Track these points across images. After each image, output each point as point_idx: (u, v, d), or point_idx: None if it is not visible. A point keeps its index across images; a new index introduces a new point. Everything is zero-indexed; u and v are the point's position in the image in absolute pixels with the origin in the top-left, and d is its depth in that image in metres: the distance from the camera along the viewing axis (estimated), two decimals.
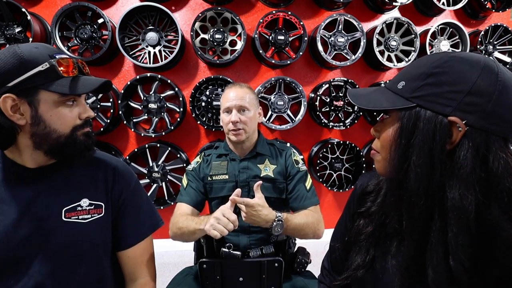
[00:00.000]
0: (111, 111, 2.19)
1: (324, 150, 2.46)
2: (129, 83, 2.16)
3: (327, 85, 2.40)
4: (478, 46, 2.55)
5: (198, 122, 2.31)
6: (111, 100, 2.16)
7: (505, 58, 2.63)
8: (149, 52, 2.27)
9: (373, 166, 0.71)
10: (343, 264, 0.78)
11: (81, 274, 0.82)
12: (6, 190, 0.79)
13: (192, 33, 2.18)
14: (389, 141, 0.60)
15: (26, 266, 0.77)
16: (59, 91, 0.74)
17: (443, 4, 2.49)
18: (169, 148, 2.27)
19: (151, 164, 2.31)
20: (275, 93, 2.41)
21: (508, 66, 2.64)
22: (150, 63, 2.24)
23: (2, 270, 0.76)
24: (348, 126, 2.49)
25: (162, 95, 2.27)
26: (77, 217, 0.82)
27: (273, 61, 2.28)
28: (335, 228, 0.86)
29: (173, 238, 1.23)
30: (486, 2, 2.51)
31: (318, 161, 2.44)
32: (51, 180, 0.83)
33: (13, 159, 0.81)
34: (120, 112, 2.16)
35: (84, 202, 0.84)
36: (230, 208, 1.06)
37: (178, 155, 2.33)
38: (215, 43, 2.26)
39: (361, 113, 2.51)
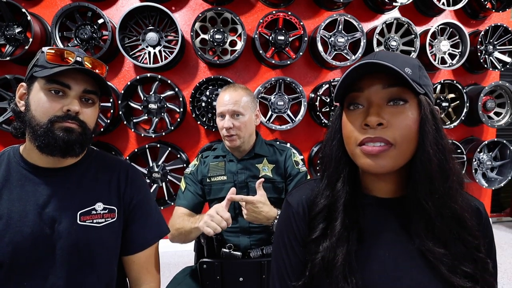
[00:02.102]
0: (111, 111, 2.19)
1: None
2: (129, 83, 2.16)
3: (327, 85, 2.40)
4: (478, 46, 2.55)
5: (198, 123, 2.31)
6: (111, 100, 2.16)
7: (505, 58, 2.63)
8: (149, 53, 2.27)
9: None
10: None
11: (93, 277, 0.82)
12: (20, 190, 0.79)
13: (192, 34, 2.18)
14: (410, 129, 0.56)
15: (40, 268, 0.77)
16: (38, 75, 0.76)
17: (443, 4, 2.49)
18: (169, 149, 2.27)
19: (151, 165, 2.31)
20: (275, 93, 2.41)
21: (508, 66, 2.65)
22: (150, 64, 2.24)
23: (16, 271, 0.75)
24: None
25: (162, 95, 2.27)
26: (91, 220, 0.82)
27: (273, 61, 2.28)
28: (277, 267, 0.68)
29: (171, 240, 1.23)
30: (486, 2, 2.51)
31: (318, 161, 2.43)
32: (67, 182, 0.83)
33: (26, 158, 0.82)
34: (120, 113, 2.16)
35: (99, 206, 0.84)
36: (225, 207, 1.07)
37: (178, 156, 2.33)
38: (215, 43, 2.26)
39: None
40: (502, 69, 2.63)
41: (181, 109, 2.22)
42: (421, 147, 0.56)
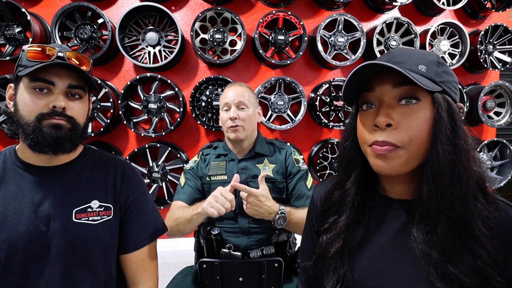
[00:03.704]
0: (111, 111, 2.19)
1: (324, 150, 2.46)
2: (129, 83, 2.16)
3: (327, 85, 2.40)
4: (478, 46, 2.55)
5: (198, 122, 2.31)
6: (111, 100, 2.16)
7: (505, 58, 2.63)
8: (149, 52, 2.27)
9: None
10: (319, 282, 0.72)
11: (89, 275, 0.82)
12: (15, 188, 0.80)
13: (192, 33, 2.18)
14: (421, 130, 0.54)
15: (35, 265, 0.77)
16: (21, 74, 0.77)
17: (443, 4, 2.49)
18: (169, 148, 2.27)
19: (151, 164, 2.31)
20: (275, 93, 2.41)
21: (508, 65, 2.65)
22: (150, 63, 2.24)
23: (11, 269, 0.75)
24: (343, 128, 2.47)
25: (162, 95, 2.27)
26: (87, 218, 0.83)
27: (273, 61, 2.28)
28: (301, 246, 0.80)
29: (169, 234, 1.20)
30: (486, 2, 2.50)
31: (318, 161, 2.44)
32: (63, 180, 0.83)
33: (21, 157, 0.83)
34: (120, 112, 2.16)
35: (94, 204, 0.84)
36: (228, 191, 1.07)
37: (178, 155, 2.33)
38: (215, 43, 2.26)
39: None
40: (502, 69, 2.63)
41: (181, 109, 2.22)
42: (432, 147, 0.54)
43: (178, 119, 2.25)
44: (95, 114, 2.20)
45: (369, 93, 0.59)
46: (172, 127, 2.24)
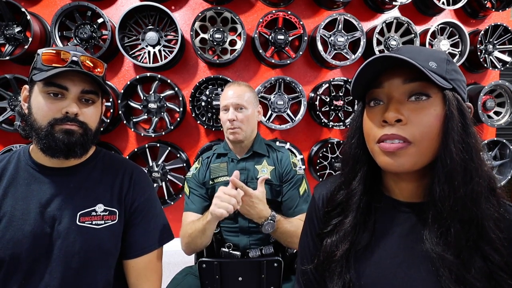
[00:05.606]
0: (111, 111, 2.19)
1: (324, 149, 2.46)
2: (128, 82, 2.16)
3: (327, 85, 2.40)
4: (478, 46, 2.55)
5: (198, 122, 2.31)
6: (111, 100, 2.16)
7: (505, 58, 2.63)
8: (149, 52, 2.26)
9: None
10: (320, 286, 0.69)
11: (89, 279, 0.81)
12: (25, 188, 0.80)
13: (191, 33, 2.18)
14: (432, 126, 0.53)
15: (38, 266, 0.77)
16: (35, 79, 0.77)
17: (443, 3, 2.48)
18: (169, 148, 2.27)
19: (151, 164, 2.31)
20: (275, 92, 2.41)
21: (508, 65, 2.65)
22: (150, 63, 2.24)
23: (16, 268, 0.76)
24: (348, 126, 2.48)
25: (162, 95, 2.27)
26: (90, 222, 0.82)
27: (273, 61, 2.27)
28: (300, 249, 0.76)
29: (187, 250, 1.20)
30: (486, 2, 2.50)
31: (318, 161, 2.44)
32: (71, 182, 0.83)
33: (34, 158, 0.83)
34: (120, 112, 2.16)
35: (99, 208, 0.84)
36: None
37: (178, 155, 2.33)
38: (215, 43, 2.26)
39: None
40: (502, 69, 2.63)
41: (181, 109, 2.22)
42: (443, 145, 0.52)
43: (178, 119, 2.25)
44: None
45: (377, 89, 0.57)
46: (172, 127, 2.24)
